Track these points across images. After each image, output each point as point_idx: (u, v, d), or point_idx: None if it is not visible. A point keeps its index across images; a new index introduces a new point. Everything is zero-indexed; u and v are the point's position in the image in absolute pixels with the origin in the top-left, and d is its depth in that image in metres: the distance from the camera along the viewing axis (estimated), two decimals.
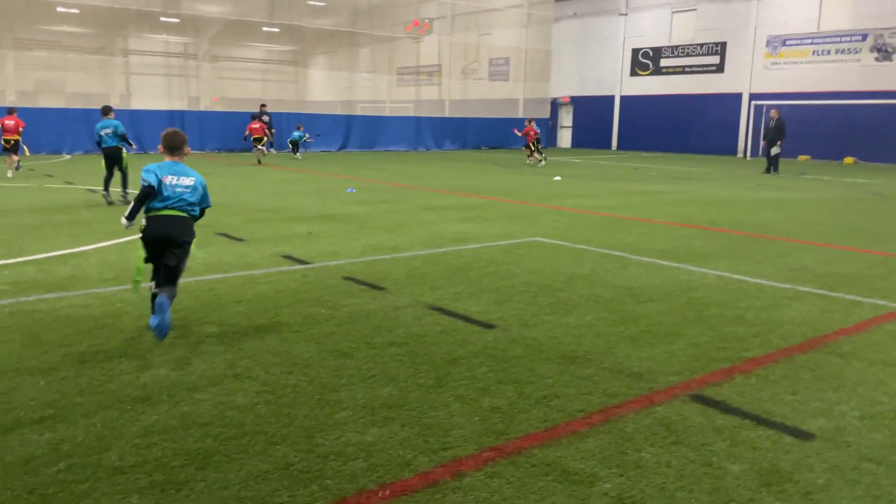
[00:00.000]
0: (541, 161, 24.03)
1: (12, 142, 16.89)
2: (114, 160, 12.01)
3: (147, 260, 4.95)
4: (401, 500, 2.88)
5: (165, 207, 4.97)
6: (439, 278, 6.83)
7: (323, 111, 37.39)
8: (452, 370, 4.34)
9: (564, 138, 41.18)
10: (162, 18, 36.83)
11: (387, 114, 39.70)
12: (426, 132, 35.53)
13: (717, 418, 3.70)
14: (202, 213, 5.28)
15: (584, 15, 38.42)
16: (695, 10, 33.56)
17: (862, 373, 4.42)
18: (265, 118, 27.25)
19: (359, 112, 39.01)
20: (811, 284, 6.79)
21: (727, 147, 32.59)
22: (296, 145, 25.81)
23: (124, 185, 12.32)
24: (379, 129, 33.95)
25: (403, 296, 6.12)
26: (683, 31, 34.28)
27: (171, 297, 4.75)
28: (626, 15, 36.37)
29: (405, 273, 7.03)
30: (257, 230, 9.45)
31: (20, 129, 17.28)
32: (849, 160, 28.45)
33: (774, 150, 21.73)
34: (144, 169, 5.00)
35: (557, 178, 18.88)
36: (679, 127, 34.27)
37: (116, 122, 12.25)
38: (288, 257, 7.70)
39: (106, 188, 12.05)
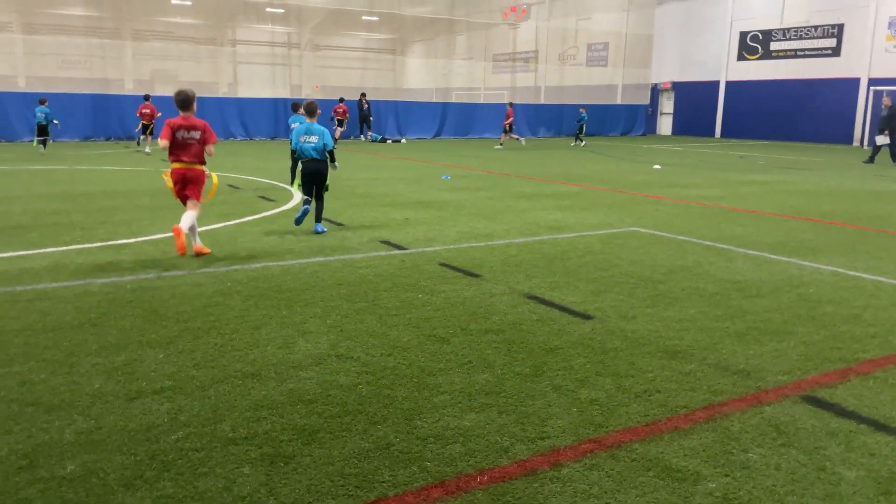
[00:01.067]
0: (520, 139, 26.81)
1: (150, 126, 20.39)
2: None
3: (304, 188, 8.40)
4: (499, 486, 2.90)
5: (308, 156, 8.28)
6: (535, 267, 6.79)
7: (419, 98, 37.79)
8: (549, 360, 4.32)
9: (665, 125, 39.88)
10: (268, 9, 38.14)
11: (482, 101, 39.64)
12: (520, 119, 35.22)
13: (830, 421, 3.52)
14: (331, 153, 8.46)
15: None
16: None
17: None
18: (365, 106, 27.83)
19: (454, 99, 39.15)
20: None
21: (842, 135, 30.65)
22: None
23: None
24: (473, 117, 33.93)
25: (499, 283, 6.13)
26: (796, 12, 32.37)
27: (320, 209, 8.41)
28: None
29: (500, 261, 7.03)
30: (356, 215, 9.68)
31: (154, 115, 20.34)
32: None
33: (881, 140, 20.19)
34: (293, 136, 8.73)
35: (657, 166, 18.34)
36: (788, 114, 32.49)
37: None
38: (386, 242, 7.85)
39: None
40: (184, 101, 6.98)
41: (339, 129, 25.83)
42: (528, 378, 4.03)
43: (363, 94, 28.79)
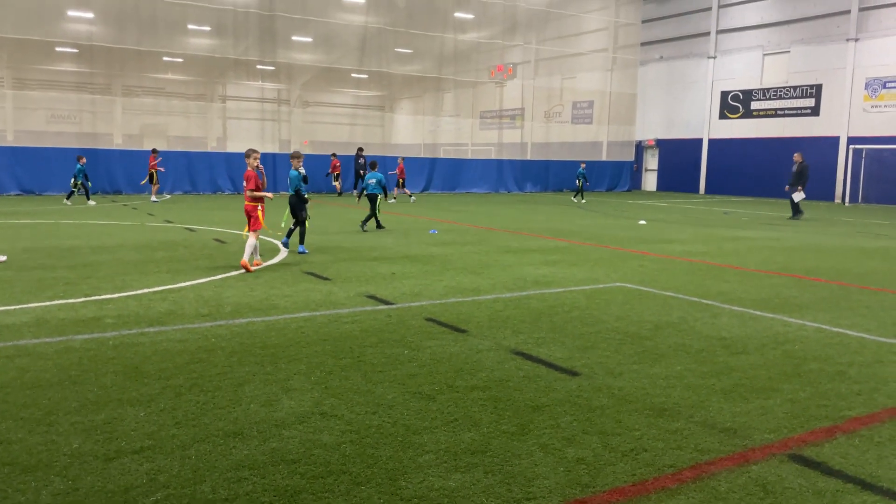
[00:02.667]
0: (411, 197, 26.76)
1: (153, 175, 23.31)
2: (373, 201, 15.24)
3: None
4: None
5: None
6: (522, 322, 6.79)
7: (407, 153, 38.30)
8: (536, 418, 4.28)
9: (650, 181, 40.51)
10: (258, 66, 38.82)
11: (469, 156, 40.19)
12: (507, 174, 35.72)
13: (817, 481, 3.50)
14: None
15: (671, 58, 38.04)
16: (788, 52, 32.68)
17: None
18: (361, 160, 28.07)
19: (441, 154, 39.68)
20: None
21: (824, 192, 31.22)
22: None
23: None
24: (461, 172, 34.36)
25: (486, 339, 6.12)
26: (776, 73, 33.37)
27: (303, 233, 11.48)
28: (714, 58, 35.78)
29: (487, 316, 7.03)
30: (343, 270, 9.68)
31: (154, 164, 23.24)
32: None
33: (797, 196, 20.44)
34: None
35: (642, 222, 18.55)
36: (771, 171, 33.12)
37: (380, 175, 15.46)
38: (372, 297, 7.85)
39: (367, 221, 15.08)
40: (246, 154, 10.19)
41: (337, 183, 28.31)
42: (515, 436, 3.99)
43: (360, 149, 29.10)
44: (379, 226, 15.17)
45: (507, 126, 41.65)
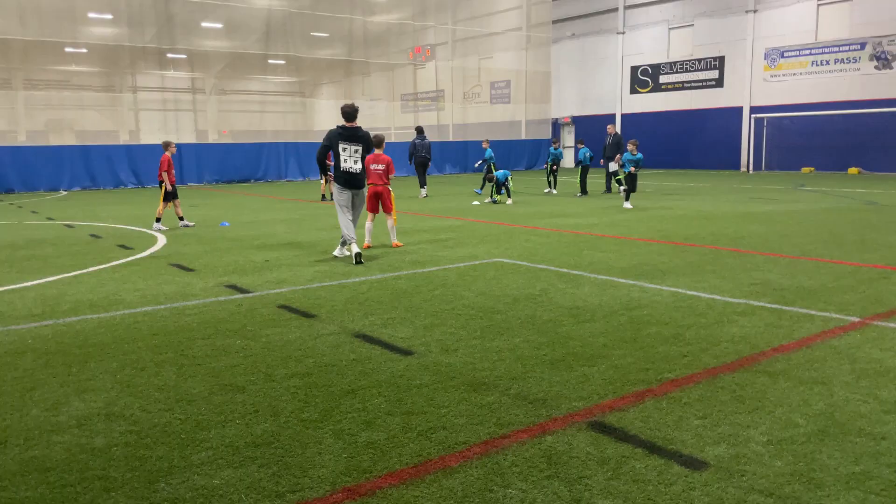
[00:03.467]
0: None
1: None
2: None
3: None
4: None
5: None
6: (379, 304, 6.58)
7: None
8: (344, 402, 4.07)
9: (568, 158, 40.92)
10: (169, 55, 37.31)
11: (392, 140, 39.74)
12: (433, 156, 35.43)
13: (607, 447, 3.40)
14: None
15: (582, 35, 38.38)
16: (692, 25, 33.38)
17: (787, 393, 4.09)
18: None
19: None
20: (767, 299, 6.45)
21: (730, 161, 32.16)
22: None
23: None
24: None
25: (332, 323, 5.88)
26: (681, 46, 34.07)
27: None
28: (623, 33, 36.26)
29: (346, 299, 6.79)
30: (213, 260, 9.27)
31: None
32: (853, 171, 27.91)
33: (613, 167, 19.17)
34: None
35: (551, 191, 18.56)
36: (681, 143, 33.91)
37: None
38: (232, 287, 7.50)
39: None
40: (378, 141, 9.98)
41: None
42: (312, 424, 3.77)
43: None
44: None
45: (428, 109, 41.36)
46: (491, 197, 17.71)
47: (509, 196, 17.52)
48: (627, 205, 15.41)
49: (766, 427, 3.61)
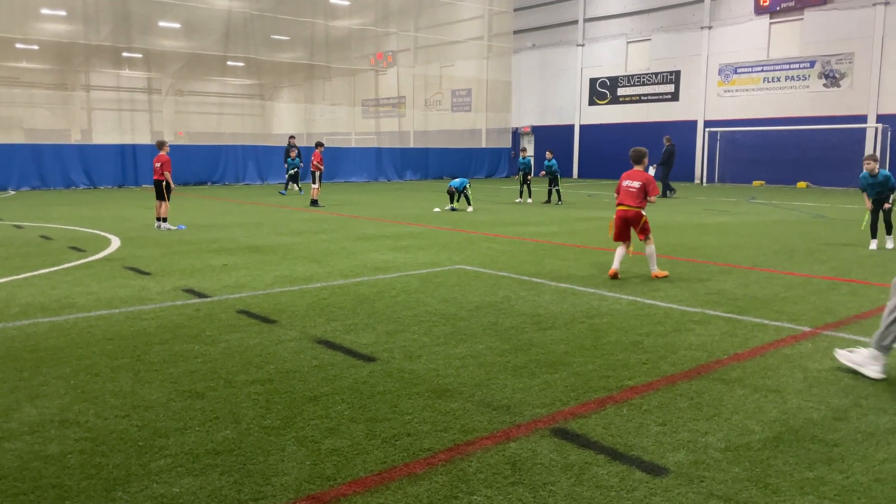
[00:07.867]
0: (300, 191, 24.79)
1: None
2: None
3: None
4: None
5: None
6: (341, 309, 6.53)
7: (285, 143, 37.19)
8: (306, 409, 4.03)
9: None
10: (124, 54, 36.50)
11: (353, 145, 39.54)
12: (387, 163, 35.41)
13: (570, 454, 3.43)
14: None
15: (543, 46, 38.84)
16: (649, 39, 34.06)
17: (742, 400, 4.19)
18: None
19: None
20: (722, 308, 6.60)
21: (685, 174, 32.82)
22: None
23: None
24: (341, 161, 33.66)
25: (293, 329, 5.82)
26: (639, 60, 34.74)
27: None
28: (583, 46, 36.81)
29: (307, 305, 6.73)
30: (170, 263, 9.09)
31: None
32: (802, 185, 28.79)
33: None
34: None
35: (528, 201, 18.70)
36: None
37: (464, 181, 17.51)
38: (189, 291, 7.36)
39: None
40: (637, 156, 8.47)
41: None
42: (274, 431, 3.72)
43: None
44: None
45: (385, 115, 41.31)
46: (450, 204, 17.80)
47: (469, 204, 17.67)
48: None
49: (723, 434, 3.69)
